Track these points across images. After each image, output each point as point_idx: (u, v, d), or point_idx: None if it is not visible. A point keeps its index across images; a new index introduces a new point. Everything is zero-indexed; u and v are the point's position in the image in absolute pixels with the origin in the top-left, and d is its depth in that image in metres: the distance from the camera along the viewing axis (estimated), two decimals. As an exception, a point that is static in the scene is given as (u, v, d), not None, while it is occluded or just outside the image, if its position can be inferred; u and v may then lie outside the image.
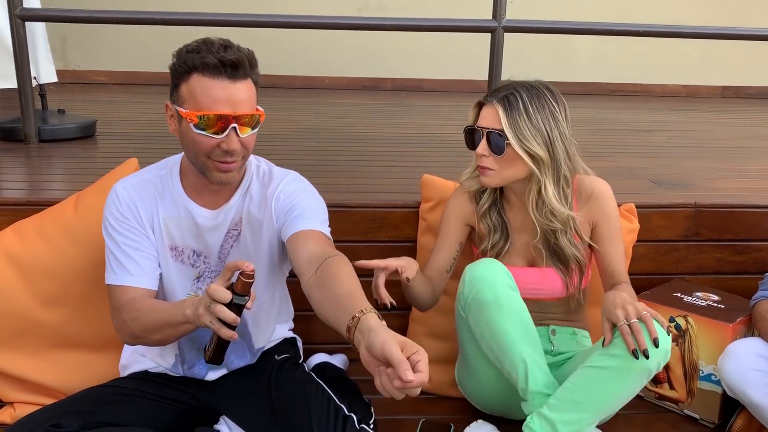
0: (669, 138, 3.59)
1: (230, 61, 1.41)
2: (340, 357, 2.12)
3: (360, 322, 1.14)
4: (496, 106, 1.66)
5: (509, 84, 1.72)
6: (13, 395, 1.84)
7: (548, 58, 5.21)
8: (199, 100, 1.42)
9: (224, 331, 1.29)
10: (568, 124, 1.70)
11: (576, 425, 1.56)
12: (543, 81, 1.73)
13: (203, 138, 1.44)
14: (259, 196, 1.61)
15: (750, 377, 1.64)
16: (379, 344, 1.07)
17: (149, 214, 1.59)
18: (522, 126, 1.63)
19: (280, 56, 5.01)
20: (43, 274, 1.81)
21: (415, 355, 1.06)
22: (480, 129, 1.69)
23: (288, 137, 3.21)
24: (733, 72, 5.49)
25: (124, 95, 4.54)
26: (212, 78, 1.41)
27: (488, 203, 1.81)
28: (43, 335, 1.82)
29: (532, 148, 1.63)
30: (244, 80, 1.45)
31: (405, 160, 2.87)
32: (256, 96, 1.50)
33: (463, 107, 1.85)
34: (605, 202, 1.78)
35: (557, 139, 1.66)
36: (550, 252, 1.78)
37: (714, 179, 2.62)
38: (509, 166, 1.68)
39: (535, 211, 1.72)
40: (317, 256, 1.39)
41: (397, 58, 5.19)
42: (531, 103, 1.65)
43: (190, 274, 1.63)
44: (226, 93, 1.42)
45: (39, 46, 3.04)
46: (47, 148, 2.83)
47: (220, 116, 1.42)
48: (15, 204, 2.01)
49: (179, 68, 1.44)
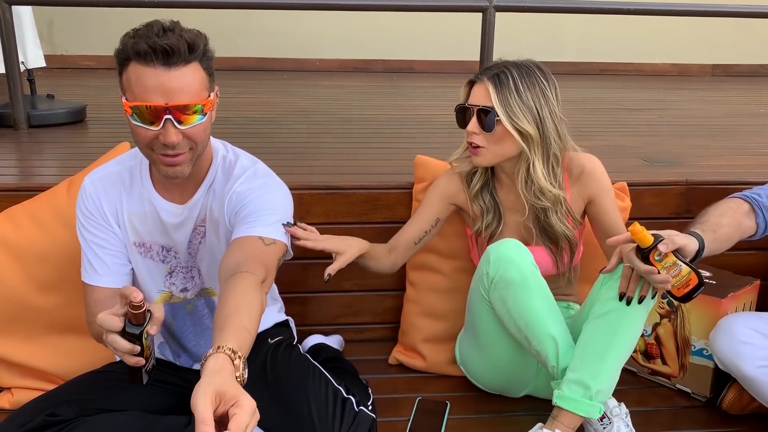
0: (660, 116, 3.60)
1: (162, 47, 1.30)
2: (336, 338, 2.13)
3: (206, 361, 1.03)
4: (487, 83, 1.67)
5: (500, 63, 1.72)
6: (11, 380, 1.84)
7: (538, 38, 5.19)
8: (134, 89, 1.34)
9: (126, 357, 1.21)
10: (559, 103, 1.71)
11: (604, 374, 1.57)
12: (534, 60, 1.73)
13: (140, 129, 1.36)
14: (221, 192, 1.53)
15: (742, 350, 1.66)
16: (193, 394, 0.95)
17: (113, 209, 1.56)
18: (512, 103, 1.64)
19: (269, 39, 4.97)
20: (36, 259, 1.80)
21: (232, 408, 0.95)
22: (471, 107, 1.70)
23: (280, 120, 3.20)
24: (723, 50, 5.49)
25: (113, 80, 4.44)
26: (145, 65, 1.32)
27: (480, 184, 1.82)
28: (39, 320, 1.82)
29: (521, 125, 1.64)
30: (183, 66, 1.33)
31: (398, 142, 2.86)
32: (204, 82, 1.38)
33: (454, 88, 1.84)
34: (598, 176, 1.79)
35: (547, 117, 1.67)
36: (540, 231, 1.79)
37: (705, 156, 2.64)
38: (499, 144, 1.69)
39: (524, 189, 1.73)
40: (231, 268, 1.31)
41: (387, 39, 5.16)
42: (521, 80, 1.66)
43: (162, 270, 1.61)
44: (159, 81, 1.32)
45: (26, 30, 3.01)
46: (37, 134, 2.81)
47: (151, 107, 1.32)
48: (6, 190, 2.00)
49: (119, 55, 1.36)
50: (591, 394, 1.57)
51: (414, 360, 2.06)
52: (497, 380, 1.86)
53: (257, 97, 3.87)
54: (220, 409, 0.96)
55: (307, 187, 2.06)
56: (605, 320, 1.58)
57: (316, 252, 1.98)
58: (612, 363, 1.59)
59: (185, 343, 1.69)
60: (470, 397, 1.89)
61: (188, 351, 1.70)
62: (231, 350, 1.06)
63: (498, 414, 1.82)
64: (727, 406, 1.81)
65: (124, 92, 1.39)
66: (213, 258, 1.58)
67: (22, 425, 1.43)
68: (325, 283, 1.64)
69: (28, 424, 1.43)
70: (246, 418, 0.95)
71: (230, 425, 0.93)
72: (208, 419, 0.92)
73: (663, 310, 1.95)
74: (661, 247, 1.46)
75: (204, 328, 1.68)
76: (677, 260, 1.48)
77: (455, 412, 1.81)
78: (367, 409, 1.58)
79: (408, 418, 1.77)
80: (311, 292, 2.15)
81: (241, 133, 2.82)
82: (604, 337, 1.58)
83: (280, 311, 1.86)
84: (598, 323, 1.59)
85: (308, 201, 2.06)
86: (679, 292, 1.52)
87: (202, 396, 0.94)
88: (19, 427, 1.42)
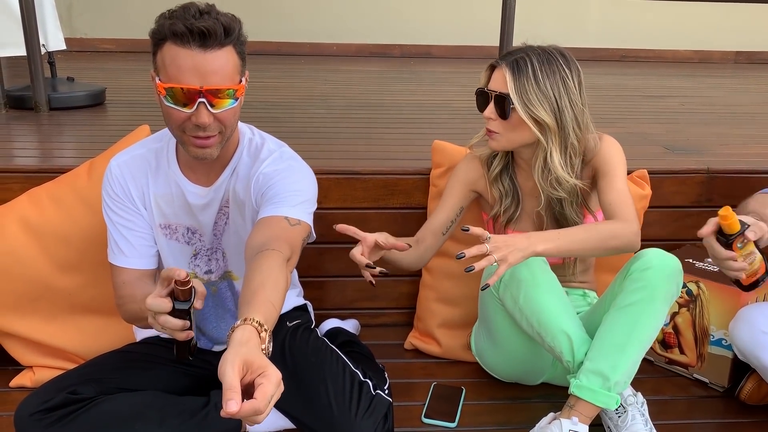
0: (682, 104, 3.56)
1: (199, 29, 1.31)
2: (352, 322, 2.14)
3: (233, 332, 1.06)
4: (505, 69, 1.64)
5: (522, 48, 1.68)
6: (32, 359, 1.87)
7: (558, 23, 5.14)
8: (168, 70, 1.35)
9: (177, 334, 1.23)
10: (582, 92, 1.66)
11: (623, 366, 1.56)
12: (558, 46, 1.69)
13: (173, 111, 1.37)
14: (246, 174, 1.55)
15: (762, 340, 1.65)
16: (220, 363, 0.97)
17: (140, 191, 1.57)
18: (529, 91, 1.60)
19: (286, 23, 4.96)
20: (58, 240, 1.83)
21: (259, 378, 0.97)
22: (489, 92, 1.67)
23: (298, 105, 3.20)
24: (746, 37, 5.40)
25: (132, 63, 4.52)
26: (181, 47, 1.33)
27: (499, 167, 1.80)
28: (60, 301, 1.85)
29: (538, 114, 1.61)
30: (219, 50, 1.34)
31: (416, 127, 2.85)
32: (237, 66, 1.39)
33: (472, 74, 1.83)
34: (606, 147, 1.72)
35: (566, 107, 1.62)
36: (551, 219, 1.78)
37: (727, 145, 2.60)
38: (515, 131, 1.66)
39: (540, 179, 1.70)
40: (258, 246, 1.32)
41: (405, 24, 5.13)
42: (541, 67, 1.62)
43: (186, 252, 1.62)
44: (195, 62, 1.33)
45: (47, 13, 3.03)
46: (58, 116, 2.84)
47: (186, 89, 1.34)
48: (28, 171, 2.02)
49: (154, 35, 1.37)
50: (609, 385, 1.55)
51: (429, 345, 2.06)
52: (514, 372, 1.86)
53: (275, 82, 3.87)
54: (247, 377, 0.98)
55: (325, 172, 2.06)
56: (628, 312, 1.56)
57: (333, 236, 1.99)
58: (632, 355, 1.57)
59: (205, 325, 1.70)
60: (485, 383, 1.89)
61: (207, 334, 1.71)
62: (258, 323, 1.08)
63: (513, 400, 1.82)
64: (746, 396, 1.80)
65: (157, 72, 1.40)
66: (238, 239, 1.60)
67: (44, 402, 1.45)
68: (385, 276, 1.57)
69: (50, 401, 1.45)
70: (272, 388, 0.96)
71: (256, 394, 0.95)
72: (236, 386, 0.94)
73: (682, 299, 1.93)
74: (750, 234, 1.41)
75: (225, 311, 1.69)
76: (754, 248, 1.45)
77: (470, 398, 1.81)
78: (384, 393, 1.58)
79: (423, 403, 1.77)
80: (328, 276, 2.16)
81: (259, 117, 2.82)
82: (626, 328, 1.56)
83: (299, 295, 1.88)
84: (620, 314, 1.58)
85: (326, 186, 2.06)
86: (747, 281, 1.50)
87: (231, 365, 0.96)
88: (42, 404, 1.45)
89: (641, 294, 1.56)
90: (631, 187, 2.06)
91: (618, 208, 1.65)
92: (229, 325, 1.60)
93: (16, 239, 1.81)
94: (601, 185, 1.70)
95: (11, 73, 3.44)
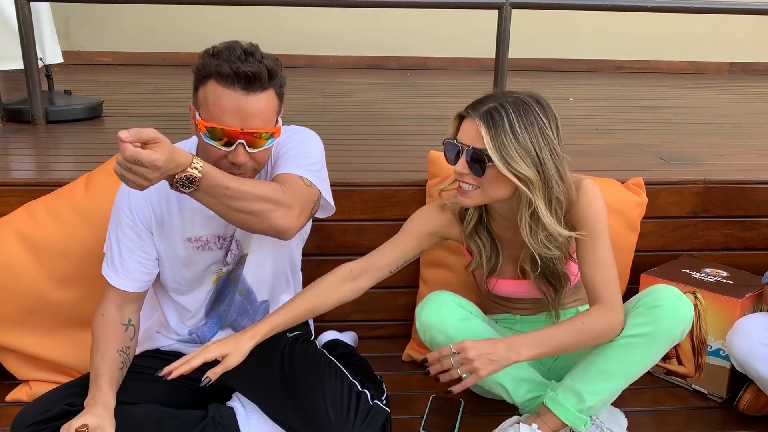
0: (677, 115, 3.58)
1: (245, 74, 1.35)
2: (350, 334, 2.14)
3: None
4: (478, 122, 1.47)
5: (494, 96, 1.53)
6: (29, 373, 1.87)
7: (554, 35, 5.17)
8: (211, 108, 1.39)
9: None
10: (560, 140, 1.53)
11: (603, 394, 1.55)
12: (532, 93, 1.54)
13: (212, 148, 1.42)
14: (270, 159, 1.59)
15: (759, 352, 1.65)
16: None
17: (161, 210, 1.58)
18: (508, 146, 1.45)
19: (283, 35, 4.98)
20: (55, 253, 1.82)
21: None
22: (461, 145, 1.52)
23: (295, 117, 3.16)
24: (740, 48, 5.44)
25: (129, 76, 4.53)
26: (226, 87, 1.37)
27: (474, 220, 1.67)
28: (57, 314, 1.84)
29: (519, 169, 1.46)
30: (261, 93, 1.39)
31: (413, 139, 2.86)
32: (276, 108, 1.45)
33: (469, 85, 1.84)
34: (586, 201, 1.57)
35: (548, 159, 1.48)
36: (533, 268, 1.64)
37: (723, 155, 2.61)
38: (491, 187, 1.52)
39: (530, 237, 1.56)
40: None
41: (402, 36, 5.15)
42: (518, 119, 1.46)
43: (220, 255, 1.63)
44: (238, 105, 1.37)
45: (44, 26, 3.04)
46: (55, 129, 2.84)
47: (227, 131, 1.38)
48: (25, 185, 2.02)
49: (198, 72, 1.41)
50: (583, 408, 1.55)
51: (428, 357, 2.05)
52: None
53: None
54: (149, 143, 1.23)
55: (323, 184, 2.06)
56: (625, 344, 1.53)
57: (331, 248, 1.98)
58: (615, 386, 1.56)
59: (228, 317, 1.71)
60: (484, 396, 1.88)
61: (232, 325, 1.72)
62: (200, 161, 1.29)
63: (512, 413, 1.81)
64: (744, 407, 1.79)
65: (198, 107, 1.43)
66: None
67: (42, 413, 1.45)
68: (203, 387, 1.39)
69: (47, 413, 1.45)
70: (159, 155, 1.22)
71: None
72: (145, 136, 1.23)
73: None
74: None
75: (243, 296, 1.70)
76: None
77: (469, 411, 1.81)
78: (382, 403, 1.58)
79: (422, 416, 1.77)
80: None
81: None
82: (618, 361, 1.54)
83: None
84: (620, 346, 1.54)
85: (323, 198, 2.06)
86: None
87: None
88: (39, 415, 1.45)
89: (644, 330, 1.52)
90: (627, 195, 2.07)
91: (602, 290, 1.55)
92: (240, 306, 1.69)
93: (12, 253, 1.80)
94: (583, 254, 1.58)
95: (8, 86, 3.46)
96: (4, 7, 2.88)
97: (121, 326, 1.59)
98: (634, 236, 2.07)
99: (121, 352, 1.56)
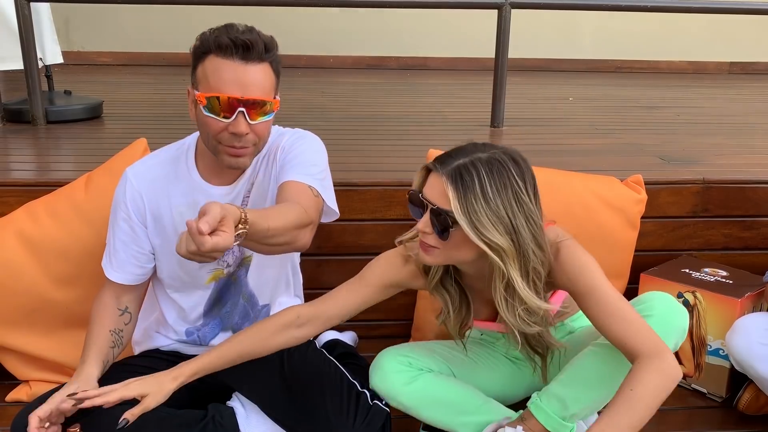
0: (677, 114, 3.58)
1: (243, 42, 1.39)
2: (349, 334, 2.14)
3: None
4: (445, 182, 1.32)
5: (465, 150, 1.37)
6: (29, 373, 1.87)
7: (553, 34, 5.17)
8: (210, 80, 1.41)
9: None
10: (538, 205, 1.38)
11: (586, 403, 1.51)
12: (508, 149, 1.38)
13: (212, 121, 1.43)
14: (267, 156, 1.60)
15: (758, 351, 1.65)
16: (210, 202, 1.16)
17: (155, 203, 1.59)
18: (478, 210, 1.30)
19: (283, 35, 4.94)
20: (55, 253, 1.82)
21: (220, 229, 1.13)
22: (426, 202, 1.36)
23: (296, 117, 3.20)
24: (740, 48, 5.44)
25: (129, 76, 4.53)
26: (224, 58, 1.40)
27: (439, 274, 1.53)
28: (57, 314, 1.85)
29: (490, 237, 1.31)
30: (259, 63, 1.42)
31: (412, 138, 2.87)
32: (273, 83, 1.47)
33: (469, 85, 1.83)
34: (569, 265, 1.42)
35: (522, 227, 1.33)
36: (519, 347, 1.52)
37: (722, 155, 2.61)
38: (456, 249, 1.38)
39: (506, 312, 1.40)
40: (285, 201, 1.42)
41: (401, 35, 5.15)
42: (490, 181, 1.31)
43: None
44: (237, 74, 1.40)
45: (44, 27, 3.04)
46: (55, 129, 2.84)
47: (228, 99, 1.40)
48: (25, 185, 2.03)
49: (197, 49, 1.45)
50: (566, 415, 1.51)
51: (428, 357, 2.04)
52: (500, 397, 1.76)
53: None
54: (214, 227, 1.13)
55: (322, 184, 2.06)
56: (613, 355, 1.42)
57: (330, 248, 1.97)
58: (600, 394, 1.49)
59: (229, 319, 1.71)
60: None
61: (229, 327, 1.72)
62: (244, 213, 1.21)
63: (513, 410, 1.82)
64: (744, 406, 1.80)
65: (196, 86, 1.45)
66: None
67: (42, 412, 1.44)
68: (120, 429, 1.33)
69: (47, 413, 1.44)
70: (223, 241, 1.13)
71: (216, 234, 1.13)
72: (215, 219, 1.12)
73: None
74: None
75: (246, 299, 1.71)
76: None
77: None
78: (382, 403, 1.58)
79: (422, 415, 1.76)
80: (326, 288, 2.13)
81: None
82: (604, 370, 1.47)
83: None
84: (604, 352, 1.47)
85: (323, 197, 2.06)
86: None
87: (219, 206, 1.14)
88: (39, 414, 1.44)
89: None
90: (627, 192, 2.07)
91: (632, 341, 1.35)
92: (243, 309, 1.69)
93: (13, 253, 1.81)
94: (590, 313, 1.41)
95: (8, 86, 3.46)
96: (4, 8, 2.88)
97: (117, 311, 1.62)
98: (634, 234, 2.07)
99: (113, 333, 1.59)
